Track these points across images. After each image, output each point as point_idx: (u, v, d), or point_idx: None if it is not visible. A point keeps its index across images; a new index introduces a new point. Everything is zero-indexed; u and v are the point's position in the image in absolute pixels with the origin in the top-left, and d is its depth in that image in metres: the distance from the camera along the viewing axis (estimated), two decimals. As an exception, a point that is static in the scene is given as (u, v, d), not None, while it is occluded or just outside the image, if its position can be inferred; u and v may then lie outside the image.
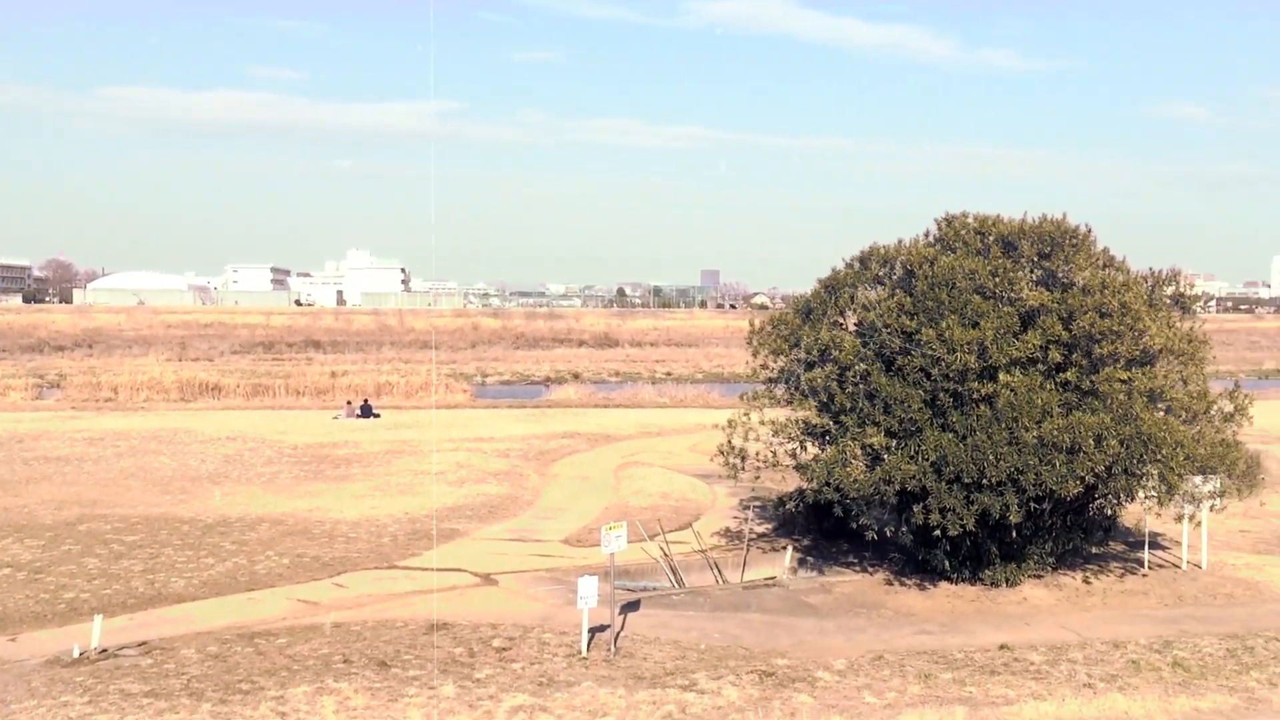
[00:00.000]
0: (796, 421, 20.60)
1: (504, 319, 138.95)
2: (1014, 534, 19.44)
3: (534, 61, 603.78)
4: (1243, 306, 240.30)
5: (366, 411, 45.91)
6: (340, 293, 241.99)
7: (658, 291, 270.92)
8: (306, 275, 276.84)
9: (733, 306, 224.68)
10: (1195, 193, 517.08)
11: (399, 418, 46.03)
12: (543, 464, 33.78)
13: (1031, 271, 20.22)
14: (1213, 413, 19.56)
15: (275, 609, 18.32)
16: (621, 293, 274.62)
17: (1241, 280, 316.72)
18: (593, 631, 16.35)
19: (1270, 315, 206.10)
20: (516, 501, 27.92)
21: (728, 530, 24.40)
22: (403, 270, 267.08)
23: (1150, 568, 21.27)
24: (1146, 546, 21.74)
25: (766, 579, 21.15)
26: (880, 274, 20.99)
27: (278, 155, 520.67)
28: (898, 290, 20.01)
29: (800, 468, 20.36)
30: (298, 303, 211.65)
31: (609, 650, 16.07)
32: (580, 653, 15.94)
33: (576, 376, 77.81)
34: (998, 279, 19.17)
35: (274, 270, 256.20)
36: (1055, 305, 18.86)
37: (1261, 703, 14.61)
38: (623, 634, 16.91)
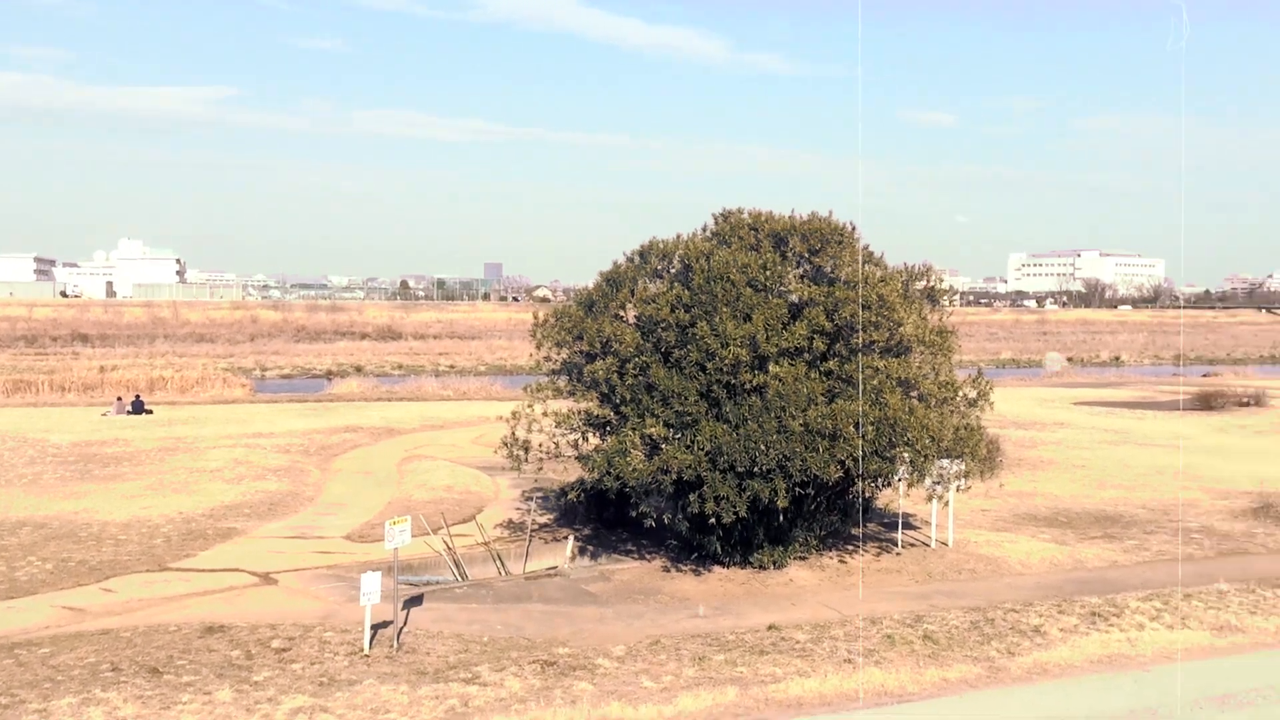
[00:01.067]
0: (579, 413, 21.06)
1: (284, 311, 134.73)
2: (781, 519, 20.49)
3: (317, 49, 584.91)
4: (983, 301, 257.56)
5: (138, 408, 43.88)
6: (110, 284, 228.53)
7: (441, 284, 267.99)
8: (74, 265, 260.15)
9: (515, 299, 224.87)
10: (943, 194, 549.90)
11: (173, 414, 44.19)
12: (325, 459, 33.17)
13: (800, 266, 21.31)
14: (958, 400, 21.14)
15: (38, 617, 17.46)
16: (405, 285, 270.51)
17: (982, 276, 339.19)
18: (375, 628, 16.34)
19: (1006, 309, 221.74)
20: (297, 498, 27.38)
21: (511, 522, 24.69)
22: (178, 261, 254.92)
23: (903, 547, 22.81)
24: (900, 527, 23.31)
25: (548, 569, 21.57)
26: (660, 268, 21.66)
27: (41, 139, 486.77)
28: (676, 284, 20.71)
29: (582, 458, 20.82)
30: (63, 294, 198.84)
31: (392, 646, 16.11)
32: (363, 650, 15.92)
33: (359, 370, 76.51)
34: (769, 273, 20.11)
35: (37, 260, 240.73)
36: (821, 298, 19.92)
37: (1001, 671, 15.96)
38: (406, 629, 16.96)
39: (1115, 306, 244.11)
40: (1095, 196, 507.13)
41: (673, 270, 21.39)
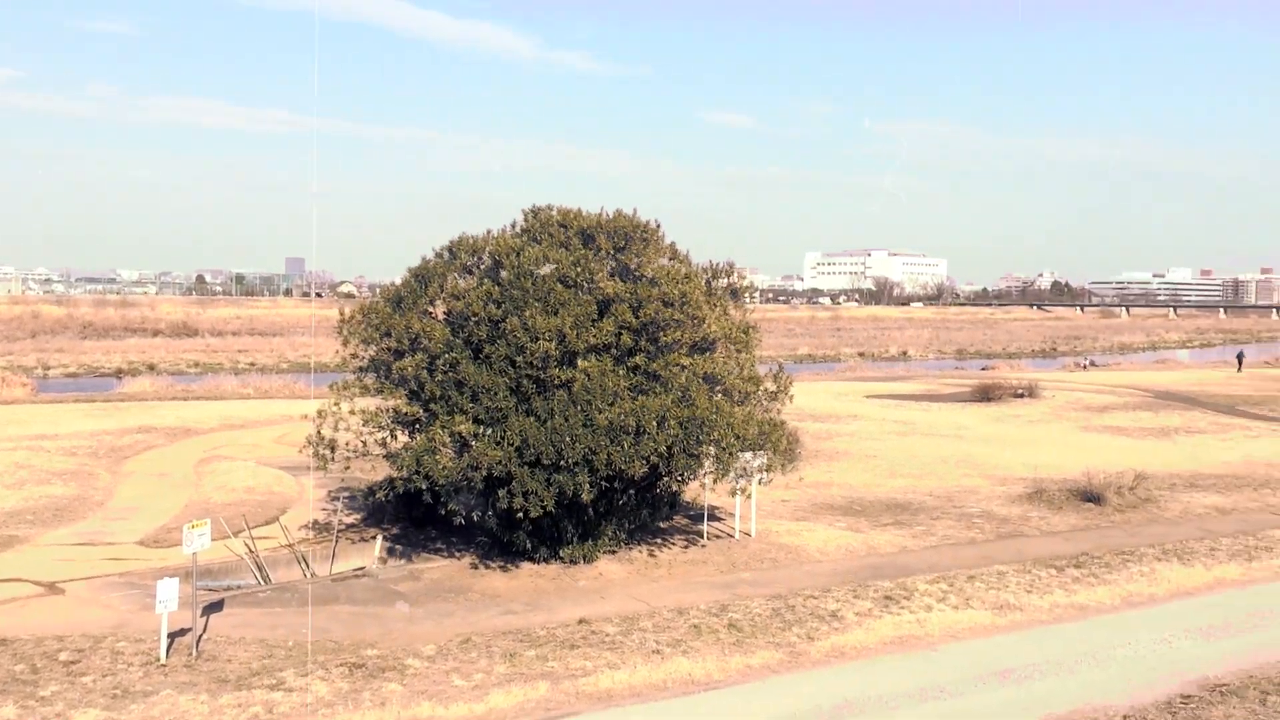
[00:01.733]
0: (387, 410, 20.73)
1: (69, 307, 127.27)
2: (590, 513, 20.72)
3: (104, 32, 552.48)
4: (781, 298, 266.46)
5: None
6: None
7: (240, 279, 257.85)
8: None
9: (319, 295, 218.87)
10: (743, 193, 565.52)
11: (-63, 415, 41.07)
12: (115, 461, 31.51)
13: (608, 263, 21.58)
14: (760, 394, 21.84)
15: None
16: (201, 280, 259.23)
17: (780, 274, 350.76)
18: (173, 636, 15.70)
19: (803, 306, 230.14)
20: (85, 502, 25.91)
21: (316, 523, 24.09)
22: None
23: (709, 538, 23.41)
24: (705, 519, 23.91)
25: (356, 570, 21.16)
26: (469, 263, 21.53)
27: None
28: (486, 279, 20.66)
29: (390, 457, 20.51)
30: None
31: (190, 655, 15.51)
32: (159, 660, 15.27)
33: (152, 368, 73.16)
34: (579, 269, 20.29)
35: None
36: (628, 295, 20.22)
37: (801, 655, 16.61)
38: (206, 636, 16.35)
39: (908, 304, 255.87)
40: (885, 198, 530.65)
41: (483, 266, 21.32)
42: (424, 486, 19.66)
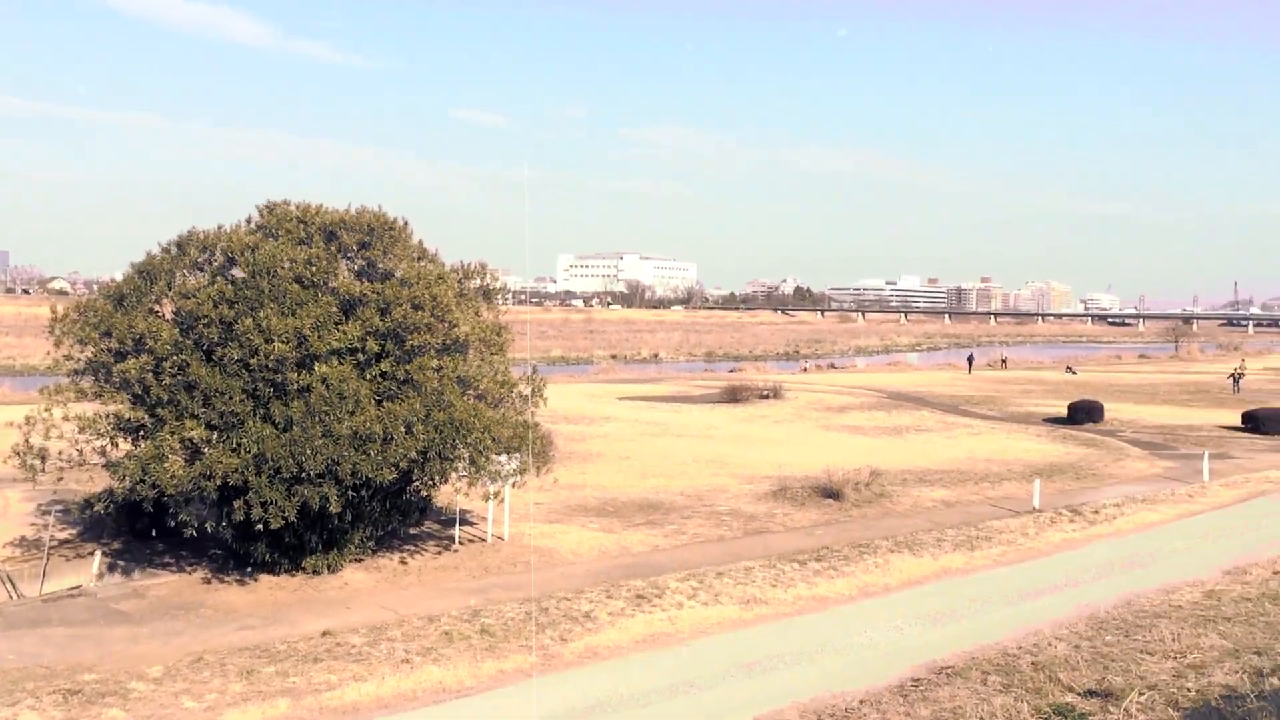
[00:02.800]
0: (107, 416, 19.24)
1: None
2: (335, 522, 19.88)
3: None
4: (534, 300, 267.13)
5: None
6: None
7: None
8: None
9: (26, 292, 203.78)
10: (496, 194, 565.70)
11: None
12: None
13: (352, 261, 20.80)
14: (514, 396, 21.59)
15: None
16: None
17: (533, 276, 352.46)
18: None
19: (556, 308, 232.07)
20: None
21: (24, 539, 22.06)
22: None
23: (461, 543, 22.96)
24: (458, 524, 23.44)
25: (71, 589, 19.48)
26: (200, 260, 20.31)
27: None
28: (218, 278, 19.52)
29: (111, 466, 19.04)
30: None
31: None
32: None
33: None
34: (314, 268, 19.43)
35: None
36: (374, 296, 19.52)
37: (555, 657, 16.43)
38: (-110, 670, 14.64)
39: (668, 306, 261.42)
40: (637, 202, 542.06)
41: (215, 263, 20.14)
42: (150, 497, 18.33)
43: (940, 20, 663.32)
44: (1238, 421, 47.64)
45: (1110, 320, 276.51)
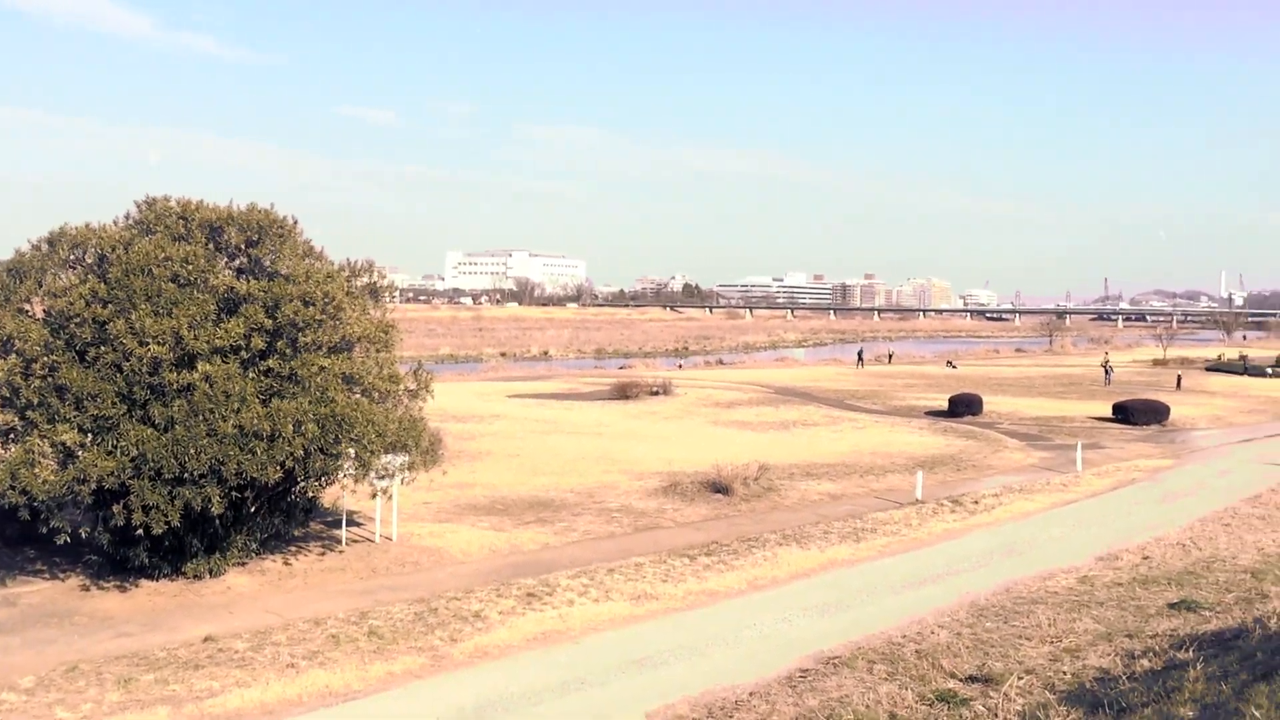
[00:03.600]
0: (-27, 420, 18.43)
1: None
2: (218, 524, 19.40)
3: None
4: (422, 297, 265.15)
5: None
6: None
7: None
8: None
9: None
10: (383, 191, 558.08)
11: None
12: None
13: (237, 259, 20.31)
14: (401, 393, 21.30)
15: None
16: None
17: (421, 274, 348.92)
18: None
19: (445, 306, 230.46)
20: None
21: (-115, 549, 21.04)
22: None
23: (348, 544, 22.59)
24: (344, 524, 23.06)
25: (-64, 600, 18.64)
26: (72, 258, 19.62)
27: None
28: (91, 276, 18.86)
29: (-22, 471, 18.23)
30: None
31: None
32: None
33: None
34: (191, 266, 18.91)
35: None
36: (261, 294, 19.10)
37: (444, 658, 16.27)
38: None
39: (558, 304, 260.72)
40: (528, 200, 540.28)
41: (88, 261, 19.46)
42: (20, 502, 17.61)
43: (830, 22, 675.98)
44: (1109, 413, 49.57)
45: (988, 316, 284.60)
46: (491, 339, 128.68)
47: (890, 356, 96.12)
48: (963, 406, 49.71)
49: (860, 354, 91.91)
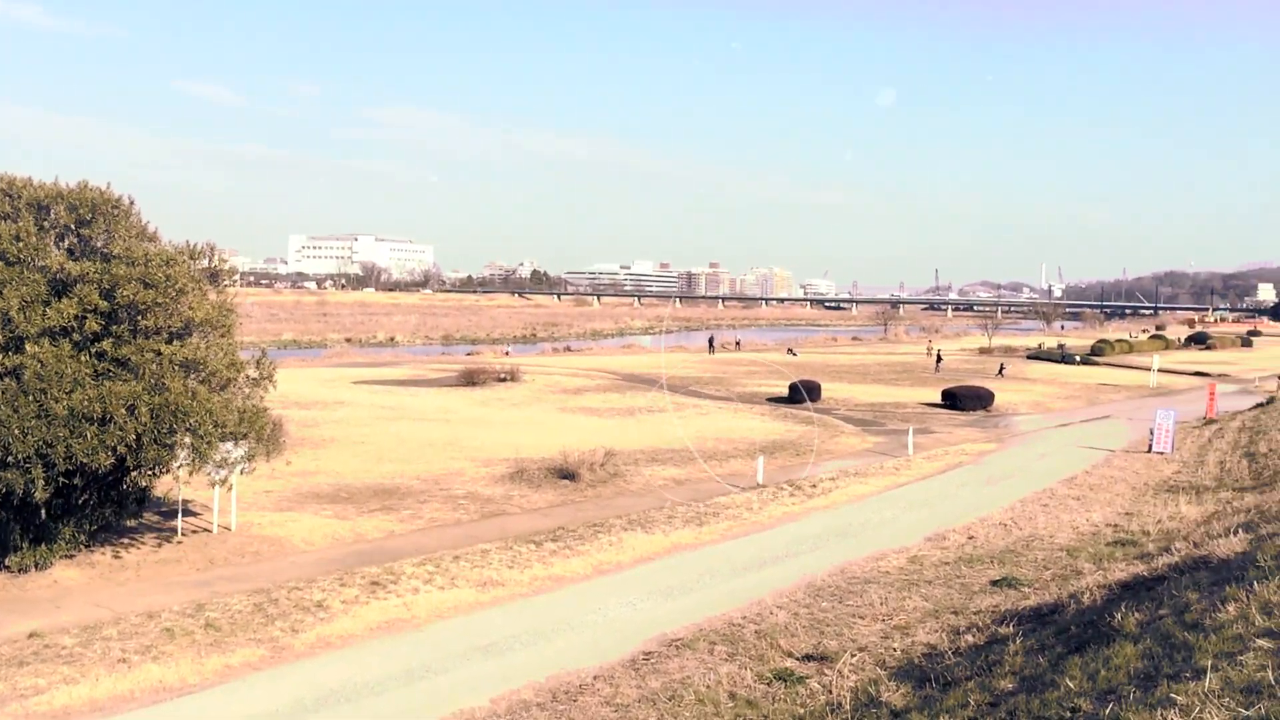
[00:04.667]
0: None
1: None
2: (44, 514, 18.63)
3: None
4: (264, 281, 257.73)
5: None
6: None
7: None
8: None
9: None
10: (223, 171, 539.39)
11: None
12: None
13: (67, 240, 19.50)
14: (242, 381, 20.79)
15: None
16: None
17: (263, 257, 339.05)
18: None
19: (288, 290, 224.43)
20: None
21: None
22: None
23: (184, 535, 21.94)
24: (180, 514, 22.38)
25: None
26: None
27: None
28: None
29: None
30: None
31: None
32: None
33: None
34: (22, 244, 18.12)
35: None
36: (96, 275, 18.40)
37: (285, 649, 16.05)
38: None
39: (405, 289, 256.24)
40: (372, 183, 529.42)
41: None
42: None
43: (678, 11, 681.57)
44: (938, 399, 51.69)
45: (828, 305, 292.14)
46: (336, 324, 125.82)
47: (738, 344, 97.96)
48: (802, 393, 51.07)
49: (711, 341, 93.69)
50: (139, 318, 18.61)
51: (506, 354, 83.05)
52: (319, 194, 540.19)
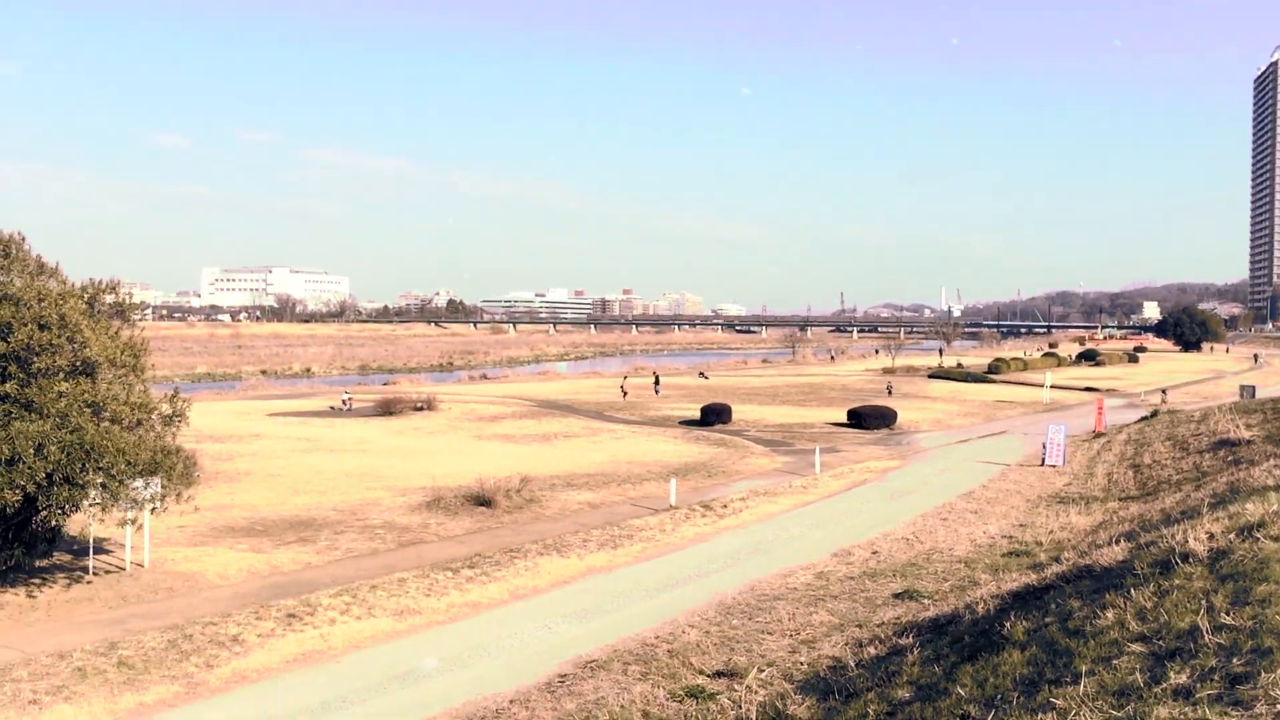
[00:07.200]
0: None
1: None
2: (-50, 558, 18.45)
3: None
4: (176, 315, 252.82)
5: None
6: None
7: None
8: None
9: None
10: (129, 204, 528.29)
11: None
12: None
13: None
14: (154, 418, 20.75)
15: None
16: None
17: (176, 290, 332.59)
18: None
19: (201, 323, 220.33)
20: None
21: None
22: None
23: (96, 574, 21.75)
24: (91, 553, 22.18)
25: None
26: None
27: None
28: None
29: None
30: None
31: None
32: None
33: None
34: None
35: None
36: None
37: (200, 685, 16.08)
38: None
39: (321, 320, 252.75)
40: (290, 218, 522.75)
41: None
42: None
43: (595, 59, 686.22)
44: (844, 418, 52.89)
45: (738, 329, 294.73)
46: (251, 356, 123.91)
47: (656, 380, 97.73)
48: (714, 416, 51.88)
49: (656, 379, 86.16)
50: (34, 359, 18.45)
51: (387, 384, 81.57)
52: (233, 227, 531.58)
